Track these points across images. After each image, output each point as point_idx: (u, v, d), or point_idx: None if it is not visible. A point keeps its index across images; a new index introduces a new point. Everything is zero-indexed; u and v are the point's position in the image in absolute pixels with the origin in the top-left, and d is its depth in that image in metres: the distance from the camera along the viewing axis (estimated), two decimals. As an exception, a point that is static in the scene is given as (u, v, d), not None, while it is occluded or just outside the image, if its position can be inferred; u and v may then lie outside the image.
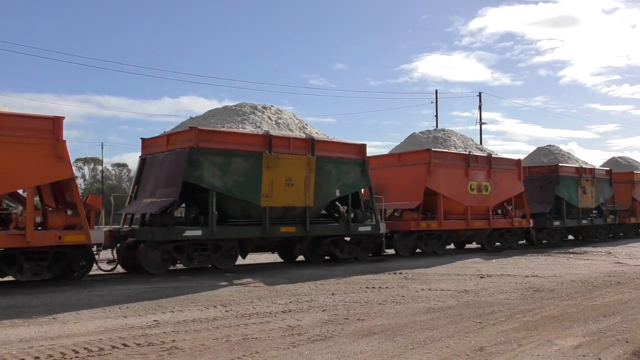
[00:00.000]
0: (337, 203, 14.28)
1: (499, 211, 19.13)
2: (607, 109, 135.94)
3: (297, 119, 14.73)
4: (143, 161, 13.22)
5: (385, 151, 21.30)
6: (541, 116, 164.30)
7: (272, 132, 12.92)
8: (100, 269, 11.53)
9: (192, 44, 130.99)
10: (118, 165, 73.35)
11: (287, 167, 12.87)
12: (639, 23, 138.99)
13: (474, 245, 19.93)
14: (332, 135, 15.04)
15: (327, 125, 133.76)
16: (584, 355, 5.49)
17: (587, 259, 15.86)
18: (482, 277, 11.60)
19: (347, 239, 14.87)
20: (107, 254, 12.14)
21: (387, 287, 10.12)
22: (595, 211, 23.73)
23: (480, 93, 46.47)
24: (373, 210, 14.74)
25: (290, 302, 8.57)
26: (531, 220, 19.81)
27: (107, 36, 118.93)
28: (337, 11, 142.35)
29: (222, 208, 12.20)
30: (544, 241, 21.51)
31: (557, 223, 21.39)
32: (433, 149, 16.96)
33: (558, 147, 26.26)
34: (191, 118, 14.30)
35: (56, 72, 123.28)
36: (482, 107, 46.03)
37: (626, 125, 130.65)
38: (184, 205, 12.78)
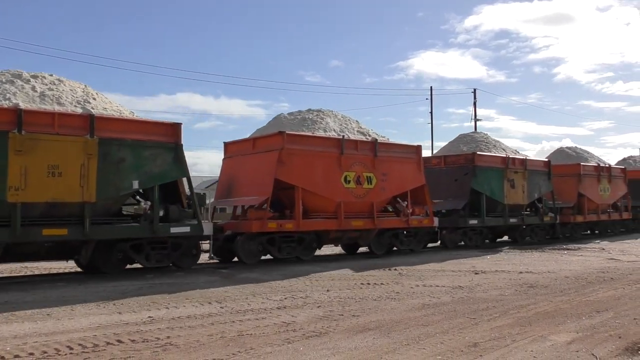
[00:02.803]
0: (140, 198, 11.51)
1: (392, 208, 16.09)
2: (601, 106, 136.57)
3: (80, 88, 11.61)
4: None
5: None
6: (536, 113, 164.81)
7: (28, 107, 10.07)
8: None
9: (188, 40, 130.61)
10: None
11: (50, 151, 9.93)
12: (633, 20, 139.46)
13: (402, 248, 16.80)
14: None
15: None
16: (577, 351, 5.52)
17: (581, 255, 15.93)
18: (476, 274, 11.64)
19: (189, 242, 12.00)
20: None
21: (381, 284, 10.14)
22: (532, 209, 20.93)
23: (475, 90, 46.52)
24: (195, 206, 11.90)
25: (285, 298, 8.58)
26: (436, 219, 16.59)
27: (103, 33, 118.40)
28: (333, 8, 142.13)
29: None
30: (460, 243, 18.58)
31: (474, 222, 18.13)
32: (288, 132, 13.52)
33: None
34: None
35: (52, 68, 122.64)
36: (477, 103, 46.11)
37: (620, 122, 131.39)
38: None
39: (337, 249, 17.73)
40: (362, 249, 16.66)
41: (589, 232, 25.15)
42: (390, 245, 16.04)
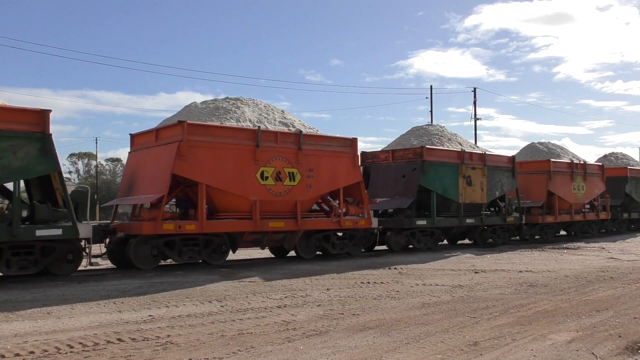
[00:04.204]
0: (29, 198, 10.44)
1: (325, 207, 14.66)
2: (601, 105, 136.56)
3: None
4: None
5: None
6: (536, 112, 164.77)
7: None
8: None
9: (188, 39, 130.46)
10: (112, 160, 73.02)
11: None
12: (633, 20, 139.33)
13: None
14: (331, 131, 14.34)
15: (323, 120, 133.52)
16: (577, 350, 5.52)
17: (581, 255, 15.94)
18: (476, 272, 11.65)
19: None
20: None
21: (382, 282, 10.14)
22: (492, 208, 19.39)
23: (475, 89, 46.38)
24: (69, 206, 10.29)
25: (286, 297, 8.58)
26: (375, 220, 15.13)
27: (103, 31, 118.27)
28: (334, 7, 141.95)
29: None
30: (410, 246, 16.74)
31: (422, 222, 16.39)
32: (189, 122, 11.94)
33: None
34: None
35: (52, 67, 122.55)
36: (477, 103, 45.97)
37: (619, 121, 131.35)
38: None
39: (261, 253, 15.99)
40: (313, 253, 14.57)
41: (565, 233, 23.77)
42: (321, 249, 14.52)
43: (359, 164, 14.89)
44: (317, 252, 14.46)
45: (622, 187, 26.04)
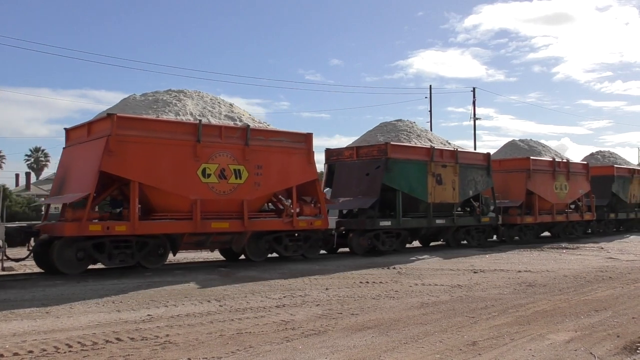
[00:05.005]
0: None
1: (281, 207, 13.58)
2: (600, 105, 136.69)
3: None
4: None
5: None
6: (535, 112, 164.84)
7: None
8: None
9: (189, 39, 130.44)
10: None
11: None
12: (632, 20, 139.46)
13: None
14: (330, 131, 13.98)
15: (323, 120, 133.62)
16: (575, 350, 5.53)
17: (580, 254, 15.95)
18: (475, 272, 11.65)
19: None
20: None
21: (380, 282, 10.15)
22: (467, 208, 18.41)
23: (474, 88, 46.42)
24: None
25: (284, 296, 8.58)
26: (332, 220, 14.53)
27: (104, 31, 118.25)
28: (334, 7, 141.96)
29: None
30: (383, 248, 15.52)
31: (386, 223, 15.38)
32: (120, 115, 11.09)
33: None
34: None
35: (52, 66, 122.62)
36: (476, 102, 46.00)
37: (618, 121, 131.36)
38: None
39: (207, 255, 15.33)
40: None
41: (549, 234, 22.87)
42: (274, 252, 13.63)
43: (314, 160, 13.81)
44: (269, 255, 13.56)
45: (609, 187, 25.18)
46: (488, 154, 18.93)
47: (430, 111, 48.77)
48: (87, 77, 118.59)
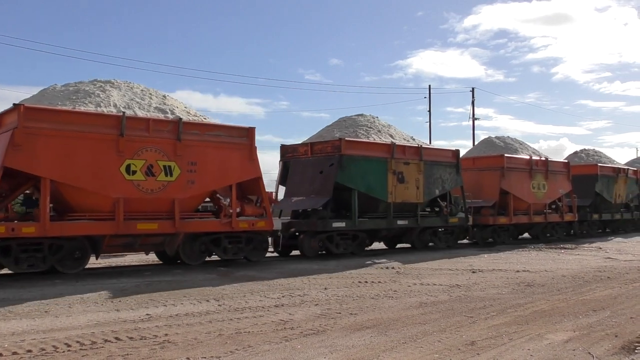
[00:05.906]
0: None
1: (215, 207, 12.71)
2: (599, 106, 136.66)
3: None
4: None
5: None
6: (534, 112, 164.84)
7: None
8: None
9: (188, 38, 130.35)
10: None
11: None
12: (631, 21, 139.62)
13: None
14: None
15: (323, 120, 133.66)
16: (573, 350, 5.54)
17: (578, 254, 15.97)
18: (474, 272, 11.67)
19: None
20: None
21: (379, 282, 10.16)
22: (436, 208, 17.24)
23: (473, 88, 46.39)
24: None
25: (283, 296, 8.59)
26: (277, 221, 13.69)
27: (101, 29, 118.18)
28: (334, 7, 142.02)
29: None
30: (337, 251, 14.52)
31: (340, 224, 14.34)
32: (27, 106, 10.12)
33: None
34: None
35: (49, 65, 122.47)
36: (475, 102, 45.99)
37: (617, 122, 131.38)
38: None
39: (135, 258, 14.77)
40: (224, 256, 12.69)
41: (528, 235, 21.98)
42: (210, 254, 12.59)
43: (257, 156, 12.66)
44: (207, 258, 12.64)
45: (592, 186, 23.79)
46: (457, 151, 17.72)
47: (430, 111, 48.68)
48: (85, 76, 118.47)
